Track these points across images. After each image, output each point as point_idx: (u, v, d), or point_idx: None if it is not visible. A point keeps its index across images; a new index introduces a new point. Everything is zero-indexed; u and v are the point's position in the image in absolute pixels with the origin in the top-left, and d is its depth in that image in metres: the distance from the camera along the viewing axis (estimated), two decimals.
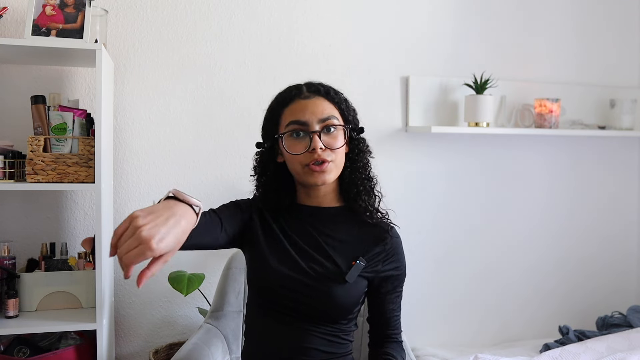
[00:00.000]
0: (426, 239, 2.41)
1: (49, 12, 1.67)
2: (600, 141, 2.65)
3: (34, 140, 1.69)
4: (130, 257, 0.86)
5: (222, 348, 1.68)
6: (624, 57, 2.69)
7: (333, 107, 1.27)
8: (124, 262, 0.86)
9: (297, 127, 1.23)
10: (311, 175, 1.23)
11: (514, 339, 2.52)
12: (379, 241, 1.31)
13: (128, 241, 0.87)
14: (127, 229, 0.88)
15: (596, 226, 2.68)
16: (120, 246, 0.87)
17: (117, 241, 0.89)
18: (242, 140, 2.14)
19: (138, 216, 0.89)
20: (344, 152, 1.29)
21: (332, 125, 1.24)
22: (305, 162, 1.23)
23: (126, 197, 2.06)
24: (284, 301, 1.24)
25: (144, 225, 0.88)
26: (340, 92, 1.31)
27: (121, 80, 2.04)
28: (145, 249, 0.86)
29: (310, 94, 1.27)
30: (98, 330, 1.70)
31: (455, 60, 2.40)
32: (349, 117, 1.30)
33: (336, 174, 1.26)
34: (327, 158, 1.22)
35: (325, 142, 1.22)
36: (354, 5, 2.28)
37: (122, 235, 0.88)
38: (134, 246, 0.86)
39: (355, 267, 1.25)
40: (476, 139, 2.45)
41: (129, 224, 0.88)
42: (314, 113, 1.23)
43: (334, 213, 1.32)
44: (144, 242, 0.86)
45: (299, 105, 1.25)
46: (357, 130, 1.31)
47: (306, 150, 1.22)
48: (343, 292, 1.24)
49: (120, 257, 0.87)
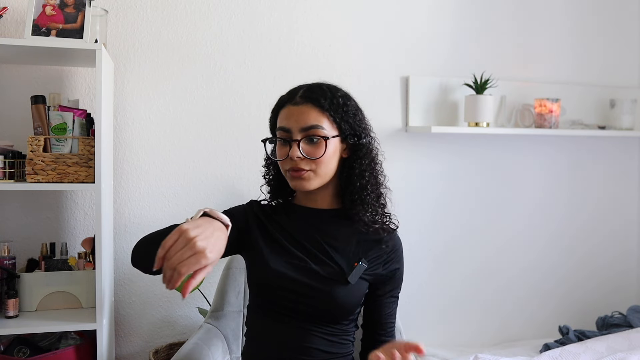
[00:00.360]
0: (426, 238, 2.41)
1: (49, 12, 1.67)
2: (600, 141, 2.65)
3: (34, 140, 1.68)
4: (186, 265, 0.93)
5: (222, 348, 1.68)
6: (624, 57, 2.69)
7: (322, 116, 1.23)
8: (180, 270, 0.93)
9: (282, 133, 1.26)
10: (292, 180, 1.26)
11: (514, 339, 2.52)
12: (379, 244, 1.31)
13: (181, 251, 0.94)
14: (175, 241, 0.95)
15: (596, 226, 2.68)
16: (171, 257, 0.94)
17: (165, 253, 0.94)
18: (242, 140, 2.14)
19: (189, 229, 0.95)
20: (335, 160, 1.27)
21: (314, 136, 1.23)
22: (286, 168, 1.26)
23: (126, 197, 2.06)
24: (284, 302, 1.24)
25: (196, 236, 0.95)
26: (340, 97, 1.27)
27: (121, 80, 2.04)
28: (201, 257, 0.94)
29: (302, 100, 1.25)
30: (98, 330, 1.69)
31: (455, 60, 2.40)
32: (345, 126, 1.26)
33: (320, 182, 1.26)
34: (303, 167, 1.23)
35: (306, 151, 1.23)
36: (354, 5, 2.28)
37: (171, 247, 0.95)
38: (189, 256, 0.94)
39: (358, 269, 1.25)
40: (476, 139, 2.45)
41: (178, 237, 0.95)
42: (298, 122, 1.23)
43: (334, 215, 1.32)
44: (200, 252, 0.94)
45: (288, 111, 1.26)
46: (356, 135, 1.28)
47: (286, 157, 1.24)
48: (345, 292, 1.24)
49: (173, 266, 0.93)
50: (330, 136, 1.24)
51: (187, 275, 0.96)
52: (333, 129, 1.25)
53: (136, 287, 2.07)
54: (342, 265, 1.26)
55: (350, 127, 1.27)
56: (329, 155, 1.24)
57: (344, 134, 1.26)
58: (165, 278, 0.95)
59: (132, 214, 2.07)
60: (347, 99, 1.29)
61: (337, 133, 1.26)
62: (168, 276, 0.95)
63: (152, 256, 1.13)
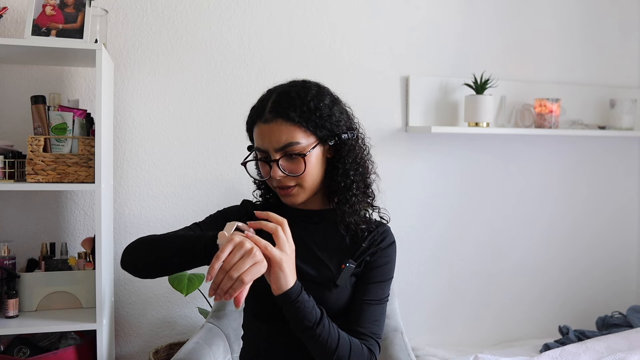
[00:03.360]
0: (425, 238, 2.41)
1: (49, 12, 1.67)
2: (600, 141, 2.65)
3: (34, 140, 1.68)
4: (249, 274, 0.98)
5: (224, 347, 1.68)
6: (624, 57, 2.69)
7: (294, 130, 1.17)
8: (243, 279, 0.97)
9: (260, 153, 1.23)
10: (281, 197, 1.26)
11: (514, 339, 2.52)
12: (369, 236, 1.27)
13: (241, 261, 0.98)
14: (230, 254, 0.98)
15: (596, 226, 2.68)
16: (229, 268, 0.97)
17: (221, 265, 0.97)
18: (241, 141, 2.12)
19: (244, 241, 0.99)
20: (319, 167, 1.23)
21: (291, 153, 1.18)
22: (273, 185, 1.25)
23: (126, 197, 2.06)
24: (273, 306, 1.19)
25: (253, 247, 1.00)
26: (310, 101, 1.19)
27: (121, 80, 2.04)
28: (261, 266, 1.00)
29: (271, 116, 1.18)
30: (98, 330, 1.70)
31: (455, 60, 2.40)
32: (321, 131, 1.20)
33: (309, 193, 1.24)
34: (288, 184, 1.21)
35: (287, 168, 1.20)
36: (354, 5, 2.28)
37: (228, 259, 0.97)
38: (251, 264, 0.98)
39: (346, 270, 1.23)
40: (476, 139, 2.45)
41: (233, 248, 0.98)
42: (271, 142, 1.18)
43: (323, 215, 1.30)
44: (261, 261, 1.00)
45: (260, 130, 1.20)
46: (336, 135, 1.22)
47: (269, 176, 1.22)
48: (334, 296, 1.22)
49: (235, 276, 0.97)
50: (309, 149, 1.19)
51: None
52: (310, 138, 1.19)
53: (136, 287, 2.07)
54: (331, 267, 1.24)
55: (328, 130, 1.21)
56: (312, 167, 1.20)
57: (322, 139, 1.21)
58: (222, 289, 0.98)
59: (132, 214, 2.07)
60: (319, 100, 1.20)
61: (315, 141, 1.20)
62: (227, 287, 0.98)
63: (150, 259, 1.14)
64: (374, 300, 1.25)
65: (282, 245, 1.05)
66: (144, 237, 1.19)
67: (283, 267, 1.05)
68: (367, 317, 1.23)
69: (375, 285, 1.26)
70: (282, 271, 1.05)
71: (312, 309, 1.11)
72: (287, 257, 1.06)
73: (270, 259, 1.03)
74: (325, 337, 1.12)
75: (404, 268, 2.35)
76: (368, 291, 1.25)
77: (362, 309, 1.24)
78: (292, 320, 1.11)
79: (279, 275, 1.05)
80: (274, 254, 1.03)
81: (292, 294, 1.07)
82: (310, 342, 1.13)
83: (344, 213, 1.25)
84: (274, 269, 1.04)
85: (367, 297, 1.25)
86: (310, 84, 1.25)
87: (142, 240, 1.18)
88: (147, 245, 1.16)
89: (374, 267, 1.27)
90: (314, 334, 1.11)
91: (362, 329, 1.22)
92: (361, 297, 1.25)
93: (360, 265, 1.26)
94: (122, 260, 1.18)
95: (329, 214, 1.29)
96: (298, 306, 1.08)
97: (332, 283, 1.23)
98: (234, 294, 0.98)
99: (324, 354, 1.13)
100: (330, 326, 1.13)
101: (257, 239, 1.02)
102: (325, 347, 1.12)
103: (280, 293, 1.07)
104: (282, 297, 1.07)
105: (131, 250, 1.17)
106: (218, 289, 0.98)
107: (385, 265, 1.28)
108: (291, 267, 1.08)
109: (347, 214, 1.25)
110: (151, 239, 1.17)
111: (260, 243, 1.02)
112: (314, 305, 1.12)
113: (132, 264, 1.16)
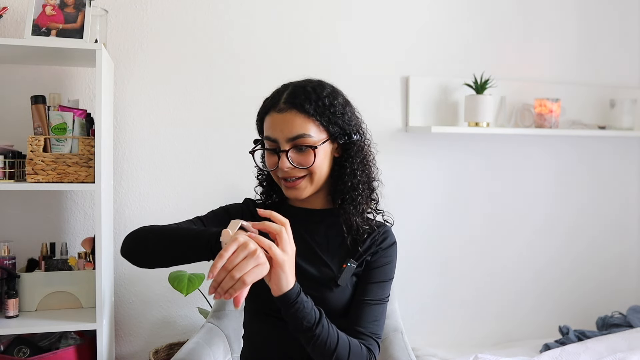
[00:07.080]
0: (425, 238, 2.41)
1: (49, 12, 1.67)
2: (600, 141, 2.65)
3: (34, 140, 1.69)
4: (251, 275, 0.97)
5: (224, 347, 1.68)
6: (624, 57, 2.69)
7: (308, 122, 1.19)
8: (245, 280, 0.96)
9: (269, 143, 1.23)
10: (286, 189, 1.25)
11: (514, 339, 2.52)
12: (370, 236, 1.28)
13: (244, 262, 0.97)
14: (233, 253, 0.97)
15: (596, 226, 2.68)
16: (232, 267, 0.96)
17: (222, 264, 0.96)
18: (242, 140, 2.13)
19: (248, 241, 0.98)
20: (327, 163, 1.24)
21: (302, 145, 1.19)
22: (279, 176, 1.24)
23: (126, 197, 2.06)
24: (273, 305, 1.18)
25: (257, 248, 0.99)
26: (326, 98, 1.21)
27: (121, 80, 2.04)
28: (263, 268, 1.00)
29: (285, 106, 1.20)
30: (98, 330, 1.70)
31: (455, 60, 2.40)
32: (333, 128, 1.22)
33: (314, 188, 1.24)
34: (296, 175, 1.21)
35: (295, 160, 1.20)
36: (355, 5, 2.28)
37: (231, 258, 0.97)
38: (254, 266, 0.98)
39: (347, 270, 1.24)
40: (476, 139, 2.45)
41: (237, 248, 0.97)
42: (283, 131, 1.19)
43: (326, 215, 1.30)
44: (264, 263, 1.00)
45: (272, 120, 1.22)
46: (347, 134, 1.24)
47: (276, 167, 1.22)
48: (335, 295, 1.22)
49: (237, 276, 0.96)
50: (319, 143, 1.20)
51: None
52: (321, 133, 1.21)
53: (136, 287, 2.07)
54: (332, 267, 1.24)
55: (340, 128, 1.23)
56: (320, 161, 1.21)
57: (333, 136, 1.23)
58: (223, 288, 0.97)
59: (132, 214, 2.07)
60: (334, 98, 1.23)
61: (326, 137, 1.22)
62: (228, 286, 0.97)
63: (150, 250, 1.13)
64: (374, 300, 1.25)
65: (284, 246, 1.05)
66: (146, 227, 1.18)
67: (285, 268, 1.04)
68: (367, 317, 1.23)
69: (375, 285, 1.26)
70: (284, 272, 1.05)
71: (311, 310, 1.11)
72: (289, 258, 1.06)
73: (272, 259, 1.03)
74: (324, 338, 1.12)
75: (404, 268, 2.35)
76: (368, 291, 1.25)
77: (362, 309, 1.24)
78: (291, 321, 1.10)
79: (280, 276, 1.05)
80: (277, 255, 1.03)
81: (292, 295, 1.07)
82: (309, 343, 1.13)
83: (349, 213, 1.25)
84: (276, 269, 1.04)
85: (368, 297, 1.25)
86: (325, 83, 1.28)
87: (144, 229, 1.17)
88: (149, 234, 1.15)
89: (375, 267, 1.27)
90: (313, 335, 1.11)
91: (362, 328, 1.22)
92: (361, 297, 1.25)
93: (361, 265, 1.26)
94: (122, 248, 1.18)
95: (331, 214, 1.29)
96: (297, 307, 1.08)
97: (333, 283, 1.23)
98: (234, 293, 0.97)
99: (324, 354, 1.13)
100: (329, 327, 1.13)
101: (261, 239, 1.02)
102: (325, 348, 1.12)
103: (280, 294, 1.07)
104: (281, 298, 1.07)
105: (132, 239, 1.17)
106: (218, 288, 0.98)
107: (386, 265, 1.28)
108: (292, 268, 1.07)
109: (352, 214, 1.25)
110: (153, 229, 1.16)
111: (264, 243, 1.02)
112: (313, 306, 1.12)
113: (132, 252, 1.16)
